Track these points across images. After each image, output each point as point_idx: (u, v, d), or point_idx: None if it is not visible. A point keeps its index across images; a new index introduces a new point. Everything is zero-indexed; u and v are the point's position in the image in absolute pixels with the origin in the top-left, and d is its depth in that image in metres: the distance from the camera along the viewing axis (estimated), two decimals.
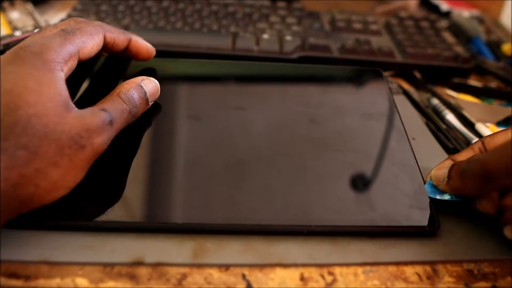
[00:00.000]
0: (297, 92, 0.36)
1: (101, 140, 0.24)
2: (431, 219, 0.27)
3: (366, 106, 0.35)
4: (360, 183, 0.29)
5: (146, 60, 0.33)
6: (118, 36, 0.30)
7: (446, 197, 0.28)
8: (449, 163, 0.28)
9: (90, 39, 0.27)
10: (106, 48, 0.29)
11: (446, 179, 0.27)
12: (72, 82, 0.26)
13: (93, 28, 0.27)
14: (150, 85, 0.29)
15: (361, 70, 0.40)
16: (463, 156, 0.29)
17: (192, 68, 0.37)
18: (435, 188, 0.28)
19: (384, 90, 0.36)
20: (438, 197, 0.28)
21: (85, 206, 0.25)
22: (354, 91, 0.37)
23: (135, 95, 0.27)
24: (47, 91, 0.23)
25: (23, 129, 0.22)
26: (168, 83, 0.32)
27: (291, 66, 0.39)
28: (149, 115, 0.30)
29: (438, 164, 0.29)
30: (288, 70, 0.38)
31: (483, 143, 0.29)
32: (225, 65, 0.38)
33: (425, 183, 0.29)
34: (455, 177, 0.27)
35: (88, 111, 0.24)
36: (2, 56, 0.24)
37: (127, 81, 0.28)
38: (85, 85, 0.33)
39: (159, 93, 0.30)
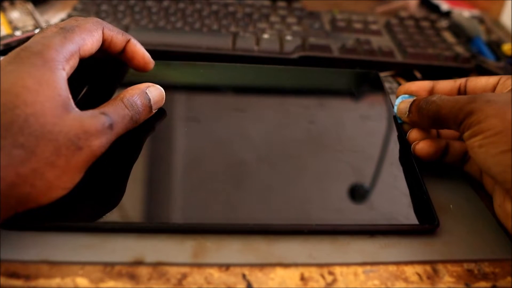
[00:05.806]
0: (296, 95, 0.36)
1: (99, 143, 0.24)
2: (431, 217, 0.27)
3: (364, 107, 0.35)
4: (360, 182, 0.29)
5: (141, 71, 0.31)
6: (117, 35, 0.29)
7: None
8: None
9: (90, 36, 0.27)
10: (104, 46, 0.29)
11: (407, 113, 0.31)
12: (75, 82, 0.26)
13: (92, 25, 0.27)
14: (155, 92, 0.29)
15: (359, 72, 0.40)
16: (444, 85, 0.32)
17: (192, 71, 0.37)
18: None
19: (381, 92, 0.37)
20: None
21: (86, 206, 0.25)
22: (351, 93, 0.37)
23: (139, 101, 0.28)
24: (46, 91, 0.23)
25: (20, 128, 0.22)
26: (167, 86, 0.32)
27: (290, 69, 0.39)
28: (150, 117, 0.30)
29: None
30: (286, 74, 0.38)
31: (466, 82, 0.31)
32: (224, 68, 0.38)
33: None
34: (414, 112, 0.30)
35: (88, 113, 0.24)
36: (3, 57, 0.24)
37: (132, 86, 0.28)
38: (91, 87, 0.32)
39: (163, 101, 0.30)
